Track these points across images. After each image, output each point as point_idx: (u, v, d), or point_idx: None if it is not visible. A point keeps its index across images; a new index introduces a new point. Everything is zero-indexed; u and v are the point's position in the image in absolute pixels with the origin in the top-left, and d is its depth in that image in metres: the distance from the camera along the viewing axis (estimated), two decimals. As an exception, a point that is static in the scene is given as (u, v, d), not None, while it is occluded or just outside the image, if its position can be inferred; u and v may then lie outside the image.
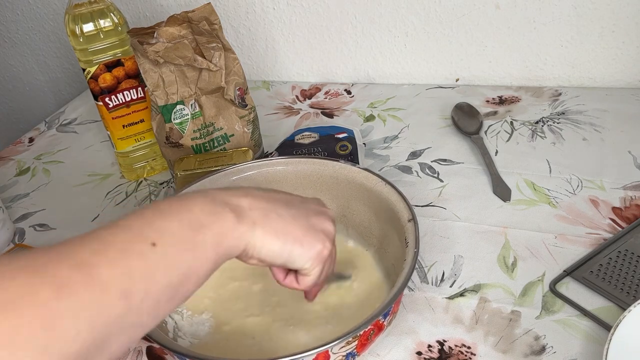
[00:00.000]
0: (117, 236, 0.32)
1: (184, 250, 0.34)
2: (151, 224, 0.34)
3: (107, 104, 0.77)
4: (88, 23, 0.71)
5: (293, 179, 0.63)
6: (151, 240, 0.32)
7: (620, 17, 0.82)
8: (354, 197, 0.61)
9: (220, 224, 0.36)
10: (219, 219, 0.36)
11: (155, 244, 0.32)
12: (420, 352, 0.51)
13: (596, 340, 0.50)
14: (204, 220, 0.36)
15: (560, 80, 0.90)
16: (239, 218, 0.37)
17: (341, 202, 0.62)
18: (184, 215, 0.35)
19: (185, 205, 0.36)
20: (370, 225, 0.60)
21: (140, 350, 0.56)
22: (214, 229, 0.36)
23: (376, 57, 0.99)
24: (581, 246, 0.59)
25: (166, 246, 0.33)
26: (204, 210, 0.36)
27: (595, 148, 0.74)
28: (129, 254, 0.31)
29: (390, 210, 0.56)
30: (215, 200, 0.37)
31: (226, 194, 0.39)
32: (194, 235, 0.35)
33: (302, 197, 0.45)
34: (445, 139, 0.81)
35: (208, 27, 0.69)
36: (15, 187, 0.86)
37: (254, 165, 0.63)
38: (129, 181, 0.83)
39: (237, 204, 0.38)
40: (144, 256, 0.32)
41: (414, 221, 0.53)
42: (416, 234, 0.51)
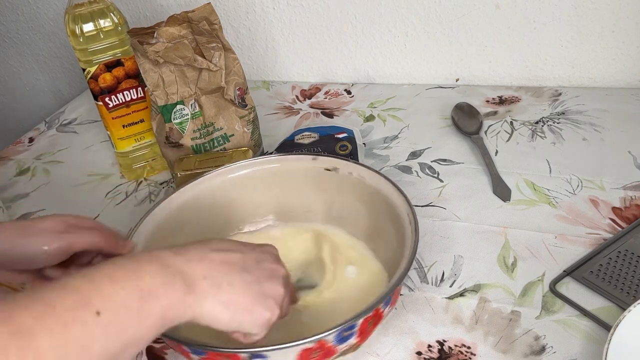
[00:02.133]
0: (63, 300, 0.32)
1: (128, 320, 0.34)
2: (100, 290, 0.33)
3: (107, 104, 0.77)
4: (88, 23, 0.71)
5: (287, 176, 0.64)
6: (96, 309, 0.32)
7: (620, 17, 0.82)
8: (345, 192, 0.62)
9: (170, 295, 0.36)
10: (168, 290, 0.36)
11: (100, 313, 0.32)
12: (420, 352, 0.51)
13: (596, 340, 0.50)
14: (154, 290, 0.35)
15: (560, 80, 0.90)
16: (190, 289, 0.38)
17: (327, 197, 0.63)
18: (134, 282, 0.35)
19: (137, 271, 0.36)
20: (360, 218, 0.61)
21: (140, 350, 0.56)
22: (162, 300, 0.36)
23: (376, 57, 0.99)
24: (581, 246, 0.59)
25: (110, 315, 0.33)
26: (155, 279, 0.36)
27: (595, 148, 0.74)
28: (71, 323, 0.31)
29: (388, 205, 0.57)
30: (169, 268, 0.37)
31: (181, 259, 0.39)
32: (141, 305, 0.34)
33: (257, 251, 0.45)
34: (445, 139, 0.81)
35: (208, 27, 0.69)
36: (15, 187, 0.86)
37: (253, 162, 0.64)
38: (129, 181, 0.83)
39: (190, 273, 0.38)
40: (85, 326, 0.31)
41: (412, 211, 0.53)
42: (415, 225, 0.52)
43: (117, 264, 0.36)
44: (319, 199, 0.64)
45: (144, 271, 0.36)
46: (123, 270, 0.35)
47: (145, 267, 0.36)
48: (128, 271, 0.35)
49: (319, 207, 0.64)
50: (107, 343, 0.32)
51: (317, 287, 0.57)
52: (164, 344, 0.56)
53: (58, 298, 0.32)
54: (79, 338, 0.31)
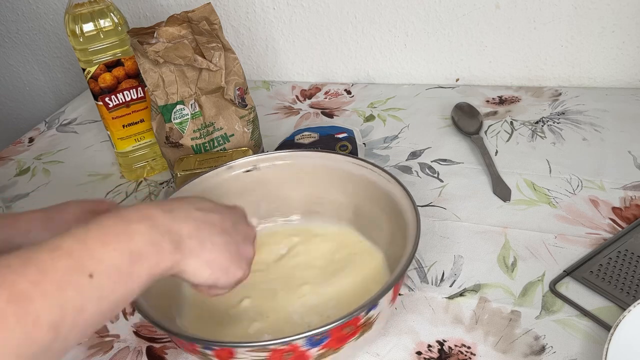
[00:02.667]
0: (56, 264, 0.33)
1: (119, 281, 0.35)
2: (91, 252, 0.34)
3: (107, 104, 0.77)
4: (88, 23, 0.71)
5: (287, 173, 0.64)
6: (89, 271, 0.34)
7: (620, 17, 0.82)
8: (365, 195, 0.61)
9: (158, 255, 0.38)
10: (157, 250, 0.38)
11: (92, 275, 0.34)
12: (420, 352, 0.51)
13: (596, 340, 0.50)
14: (143, 250, 0.37)
15: (560, 80, 0.90)
16: (177, 248, 0.39)
17: (353, 198, 0.63)
18: (125, 243, 0.36)
19: (127, 232, 0.37)
20: (380, 223, 0.60)
21: (140, 350, 0.56)
22: (151, 260, 0.37)
23: (376, 57, 0.99)
24: (581, 246, 0.59)
25: (103, 278, 0.34)
26: (144, 239, 0.37)
27: (595, 148, 0.74)
28: (65, 286, 0.32)
29: (389, 199, 0.57)
30: (157, 227, 0.39)
31: (169, 217, 0.40)
32: (131, 266, 0.36)
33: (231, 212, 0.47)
34: (445, 139, 0.81)
35: (208, 27, 0.69)
36: (15, 187, 0.86)
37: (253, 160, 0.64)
38: (129, 181, 0.83)
39: (177, 232, 0.40)
40: (79, 288, 0.33)
41: (413, 205, 0.53)
42: (417, 219, 0.52)
43: (108, 225, 0.37)
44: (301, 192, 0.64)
45: (133, 231, 0.37)
46: (113, 231, 0.36)
47: (134, 226, 0.38)
48: (118, 232, 0.37)
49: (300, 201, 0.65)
50: (100, 303, 0.34)
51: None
52: (164, 344, 0.56)
53: (51, 261, 0.33)
54: (74, 300, 0.32)
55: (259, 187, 0.64)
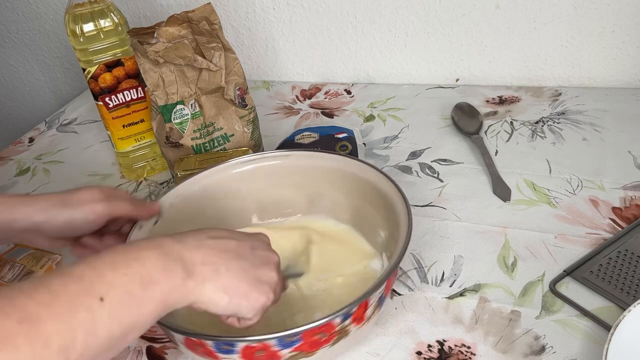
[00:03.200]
0: (67, 287, 0.33)
1: (130, 306, 0.35)
2: (102, 276, 0.34)
3: (107, 104, 0.77)
4: (88, 23, 0.71)
5: (281, 172, 0.64)
6: (100, 295, 0.33)
7: (620, 17, 0.82)
8: (330, 184, 0.62)
9: (170, 281, 0.38)
10: (169, 276, 0.38)
11: (103, 299, 0.33)
12: (420, 352, 0.51)
13: (596, 340, 0.50)
14: (155, 275, 0.37)
15: (560, 80, 0.90)
16: (189, 274, 0.39)
17: (349, 198, 0.63)
18: (135, 269, 0.36)
19: (138, 258, 0.37)
20: (375, 221, 0.61)
21: (140, 350, 0.56)
22: (163, 286, 0.37)
23: (376, 57, 0.99)
24: (581, 246, 0.59)
25: (113, 301, 0.34)
26: (156, 265, 0.37)
27: (595, 148, 0.74)
28: (76, 308, 0.32)
29: (384, 198, 0.57)
30: (169, 254, 0.39)
31: (180, 246, 0.40)
32: (143, 291, 0.36)
33: (250, 238, 0.46)
34: (445, 139, 0.81)
35: (208, 27, 0.69)
36: (15, 187, 0.86)
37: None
38: (129, 181, 0.83)
39: (190, 259, 0.40)
40: (90, 311, 0.33)
41: (405, 203, 0.54)
42: (409, 217, 0.52)
43: (118, 252, 0.37)
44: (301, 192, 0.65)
45: (144, 258, 0.37)
46: (124, 257, 0.37)
47: (145, 253, 0.38)
48: (129, 258, 0.37)
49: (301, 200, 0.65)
50: (111, 327, 0.34)
51: (305, 275, 0.58)
52: (164, 344, 0.56)
53: (62, 285, 0.33)
54: (85, 323, 0.32)
55: (253, 187, 0.65)
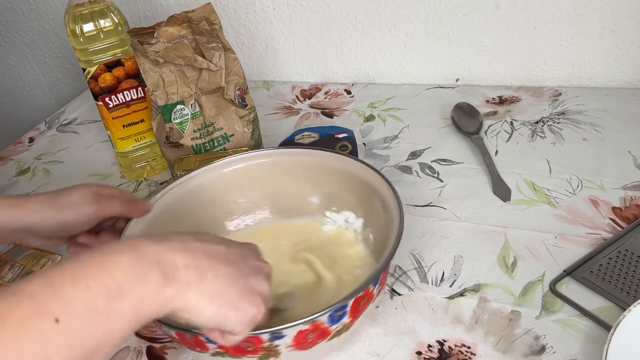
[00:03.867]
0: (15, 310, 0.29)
1: (94, 323, 0.31)
2: (58, 293, 0.30)
3: (107, 104, 0.77)
4: (88, 23, 0.71)
5: (272, 169, 0.65)
6: (54, 316, 0.29)
7: (620, 17, 0.82)
8: (336, 183, 0.62)
9: (144, 289, 0.33)
10: (142, 283, 0.33)
11: (59, 320, 0.29)
12: (420, 352, 0.51)
13: (596, 340, 0.50)
14: (125, 285, 0.32)
15: (560, 80, 0.90)
16: (168, 280, 0.34)
17: (326, 189, 0.63)
18: (101, 279, 0.32)
19: (106, 266, 0.33)
20: (356, 208, 0.62)
21: (140, 350, 0.56)
22: (135, 295, 0.33)
23: (376, 57, 0.99)
24: (581, 246, 0.59)
25: (72, 321, 0.30)
26: (127, 272, 0.33)
27: (595, 148, 0.74)
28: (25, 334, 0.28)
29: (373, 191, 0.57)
30: (144, 257, 0.34)
31: (160, 247, 0.36)
32: (109, 304, 0.31)
33: (241, 247, 0.42)
34: (445, 139, 0.81)
35: (208, 27, 0.69)
36: (15, 187, 0.86)
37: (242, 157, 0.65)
38: (129, 181, 0.83)
39: (170, 262, 0.35)
40: (42, 336, 0.29)
41: (397, 200, 0.54)
42: (400, 213, 0.52)
43: (82, 261, 0.33)
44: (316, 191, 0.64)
45: (113, 264, 0.33)
46: (88, 266, 0.32)
47: (115, 259, 0.33)
48: (93, 267, 0.32)
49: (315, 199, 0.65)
50: (71, 351, 0.30)
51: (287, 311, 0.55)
52: (165, 344, 0.56)
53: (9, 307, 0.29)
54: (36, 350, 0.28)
55: (238, 185, 0.65)
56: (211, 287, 0.37)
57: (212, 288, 0.37)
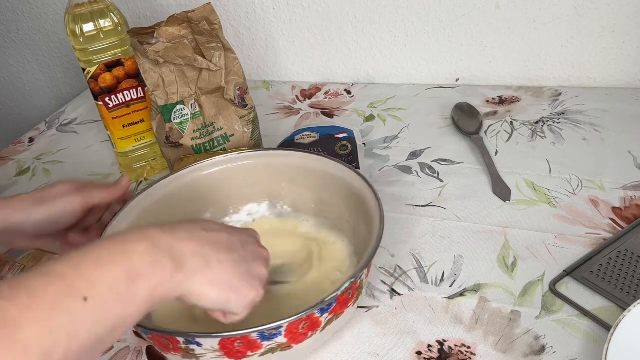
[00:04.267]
0: (48, 288, 0.31)
1: (116, 303, 0.34)
2: (86, 275, 0.33)
3: (107, 104, 0.77)
4: (88, 23, 0.71)
5: (265, 171, 0.66)
6: (83, 295, 0.32)
7: (620, 17, 0.82)
8: (325, 187, 0.63)
9: (158, 274, 0.36)
10: (157, 269, 0.36)
11: (87, 299, 0.32)
12: (420, 352, 0.51)
13: (596, 340, 0.50)
14: (142, 270, 0.35)
15: (560, 80, 0.90)
16: (178, 266, 0.38)
17: (315, 192, 0.64)
18: (121, 264, 0.35)
19: (126, 251, 0.36)
20: (342, 215, 0.62)
21: (140, 350, 0.56)
22: (150, 280, 0.36)
23: (376, 57, 0.99)
24: (581, 246, 0.59)
25: (98, 300, 0.33)
26: (144, 259, 0.36)
27: (595, 148, 0.74)
28: (57, 311, 0.31)
29: (358, 198, 0.58)
30: (157, 246, 0.37)
31: (170, 236, 0.39)
32: (129, 287, 0.35)
33: (241, 233, 0.46)
34: (445, 139, 0.81)
35: (208, 27, 0.69)
36: (15, 187, 0.86)
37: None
38: (129, 181, 0.83)
39: (180, 251, 0.38)
40: (72, 313, 0.32)
41: (377, 200, 0.54)
42: (381, 214, 0.52)
43: (103, 246, 0.36)
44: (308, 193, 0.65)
45: (131, 251, 0.36)
46: (109, 252, 0.35)
47: (132, 246, 0.36)
48: (115, 253, 0.35)
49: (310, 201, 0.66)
50: (95, 327, 0.33)
51: (288, 284, 0.58)
52: (164, 344, 0.56)
53: (42, 286, 0.31)
54: (66, 325, 0.31)
55: (223, 186, 0.66)
56: (215, 273, 0.40)
57: (216, 274, 0.40)
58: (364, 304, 0.57)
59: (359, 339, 0.54)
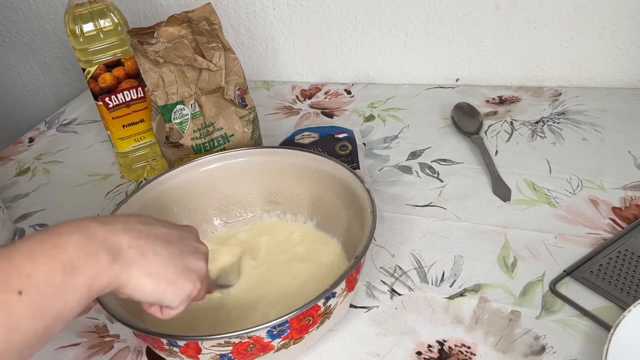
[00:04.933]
0: None
1: (53, 296, 0.33)
2: (19, 269, 0.33)
3: (107, 104, 0.77)
4: (88, 23, 0.71)
5: (259, 170, 0.66)
6: (17, 289, 0.32)
7: (620, 17, 0.82)
8: (322, 186, 0.63)
9: (95, 266, 0.36)
10: (93, 261, 0.36)
11: (22, 292, 0.32)
12: (420, 352, 0.51)
13: (596, 340, 0.50)
14: (77, 262, 0.35)
15: (560, 80, 0.90)
16: (115, 258, 0.37)
17: (311, 191, 0.64)
18: (56, 257, 0.34)
19: (58, 244, 0.35)
20: (337, 213, 0.62)
21: (140, 350, 0.56)
22: (87, 271, 0.35)
23: (376, 57, 0.99)
24: (581, 246, 0.59)
25: (33, 293, 0.32)
26: (79, 251, 0.35)
27: (595, 148, 0.74)
28: None
29: (352, 196, 0.58)
30: (93, 238, 0.37)
31: (106, 229, 0.38)
32: (65, 279, 0.34)
33: (180, 229, 0.45)
34: (445, 139, 0.81)
35: (208, 27, 0.69)
36: (15, 187, 0.86)
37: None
38: (129, 181, 0.83)
39: (116, 243, 0.38)
40: (8, 307, 0.31)
41: (370, 196, 0.55)
42: (373, 208, 0.53)
43: (35, 240, 0.35)
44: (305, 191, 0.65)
45: (65, 243, 0.35)
46: (42, 245, 0.35)
47: (66, 239, 0.36)
48: (47, 245, 0.35)
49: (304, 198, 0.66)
50: (34, 321, 0.32)
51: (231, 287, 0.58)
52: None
53: None
54: (4, 320, 0.31)
55: (216, 186, 0.66)
56: (152, 265, 0.40)
57: (152, 266, 0.40)
58: (364, 304, 0.57)
59: (359, 339, 0.54)
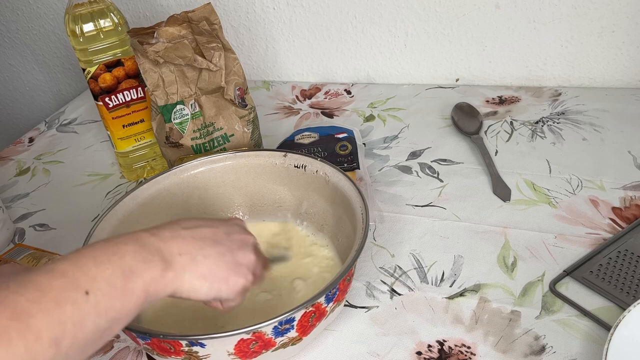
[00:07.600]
0: (52, 283, 0.34)
1: (114, 298, 0.36)
2: (86, 271, 0.36)
3: (107, 104, 0.77)
4: (88, 23, 0.71)
5: (250, 171, 0.66)
6: (84, 289, 0.35)
7: (620, 17, 0.82)
8: (310, 188, 0.63)
9: (150, 272, 0.39)
10: (148, 267, 0.39)
11: (88, 292, 0.35)
12: (420, 352, 0.51)
13: (596, 340, 0.50)
14: (136, 268, 0.38)
15: (560, 80, 0.90)
16: (168, 265, 0.40)
17: (298, 193, 0.64)
18: (117, 262, 0.37)
19: (118, 252, 0.38)
20: (326, 215, 0.62)
21: (140, 350, 0.56)
22: (144, 277, 0.38)
23: (376, 57, 0.99)
24: (581, 246, 0.59)
25: (98, 294, 0.35)
26: (136, 258, 0.38)
27: (595, 148, 0.74)
28: (63, 303, 0.33)
29: (343, 197, 0.58)
30: (147, 247, 0.40)
31: (156, 238, 0.41)
32: (125, 283, 0.37)
33: (225, 224, 0.47)
34: (445, 139, 0.81)
35: (208, 27, 0.69)
36: (15, 187, 0.86)
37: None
38: (129, 181, 0.83)
39: (167, 251, 0.41)
40: (76, 305, 0.34)
41: (362, 197, 0.55)
42: (366, 225, 0.53)
43: (97, 247, 0.38)
44: (290, 194, 0.65)
45: (123, 251, 0.38)
46: (104, 252, 0.38)
47: (124, 247, 0.39)
48: (109, 253, 0.38)
49: (289, 202, 0.66)
50: (98, 319, 0.35)
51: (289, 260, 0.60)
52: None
53: (48, 281, 0.34)
54: (72, 316, 0.33)
55: (199, 189, 0.66)
56: (203, 268, 0.42)
57: (203, 269, 0.42)
58: (364, 304, 0.57)
59: (359, 338, 0.54)
